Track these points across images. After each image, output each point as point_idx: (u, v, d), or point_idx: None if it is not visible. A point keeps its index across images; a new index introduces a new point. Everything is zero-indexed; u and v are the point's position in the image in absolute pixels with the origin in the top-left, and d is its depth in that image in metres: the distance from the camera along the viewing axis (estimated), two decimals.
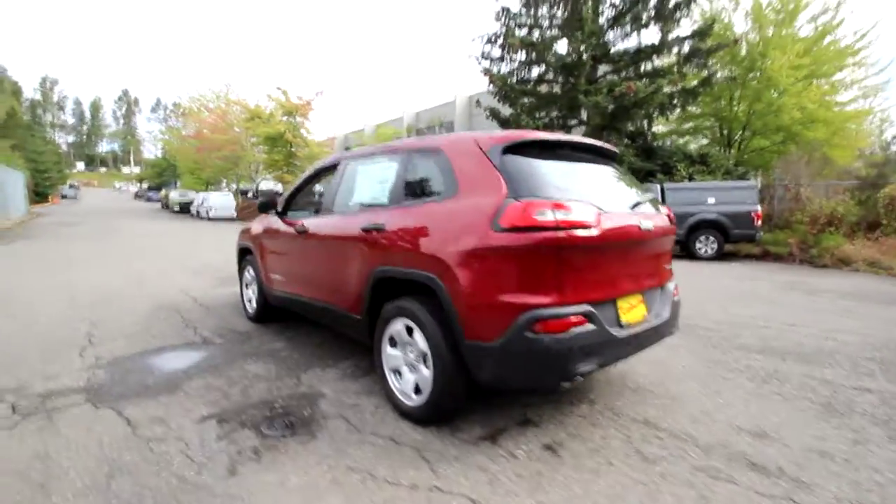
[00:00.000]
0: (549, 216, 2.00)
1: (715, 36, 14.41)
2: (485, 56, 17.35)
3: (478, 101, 16.77)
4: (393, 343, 2.62)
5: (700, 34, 14.16)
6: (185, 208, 30.44)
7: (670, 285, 2.71)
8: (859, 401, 2.81)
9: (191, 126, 32.82)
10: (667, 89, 13.02)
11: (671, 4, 14.05)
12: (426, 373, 2.37)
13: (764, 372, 3.27)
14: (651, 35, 15.42)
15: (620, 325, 2.24)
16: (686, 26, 14.67)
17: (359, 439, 2.32)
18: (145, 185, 60.11)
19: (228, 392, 2.91)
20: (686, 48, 14.39)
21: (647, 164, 14.31)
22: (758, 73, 14.87)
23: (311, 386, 3.01)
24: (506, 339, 2.02)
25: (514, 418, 2.55)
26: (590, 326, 2.07)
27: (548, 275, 2.03)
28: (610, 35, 15.57)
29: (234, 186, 32.17)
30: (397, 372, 2.61)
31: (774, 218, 11.83)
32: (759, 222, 9.87)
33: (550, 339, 1.99)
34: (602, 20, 15.31)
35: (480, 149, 2.31)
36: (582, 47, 14.32)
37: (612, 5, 15.38)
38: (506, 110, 16.65)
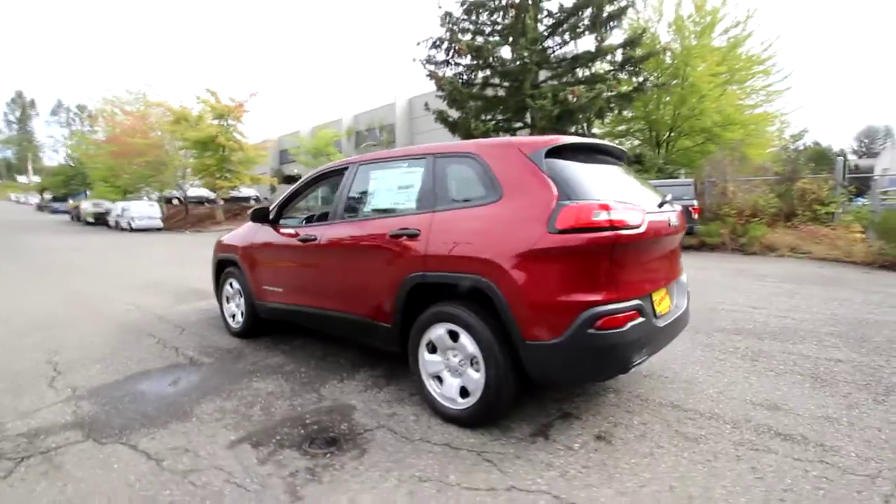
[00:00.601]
0: (603, 216, 2.09)
1: (644, 45, 15.51)
2: (430, 60, 17.46)
3: (426, 104, 16.84)
4: (432, 349, 2.59)
5: (630, 43, 15.16)
6: (100, 219, 27.76)
7: (684, 277, 2.92)
8: (837, 370, 3.19)
9: (104, 130, 29.95)
10: (605, 94, 13.81)
11: (605, 15, 14.93)
12: (476, 375, 2.37)
13: (750, 352, 3.60)
14: (587, 43, 16.23)
15: (656, 317, 2.38)
16: (619, 36, 15.72)
17: (413, 448, 2.28)
18: (48, 196, 53.99)
19: (247, 413, 2.73)
20: (619, 56, 15.37)
21: None
22: (681, 80, 16.24)
23: (335, 399, 2.89)
24: (567, 336, 2.08)
25: (552, 413, 2.62)
26: (640, 319, 2.18)
27: (603, 272, 2.12)
28: (549, 42, 16.28)
29: (156, 195, 29.77)
30: (437, 378, 2.58)
31: (705, 211, 12.97)
32: (697, 216, 10.78)
33: (610, 334, 2.08)
34: (541, 28, 15.96)
35: (523, 153, 2.36)
36: (525, 53, 14.82)
37: (550, 14, 16.07)
38: (454, 113, 16.88)
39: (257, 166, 27.61)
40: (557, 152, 2.36)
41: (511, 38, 15.62)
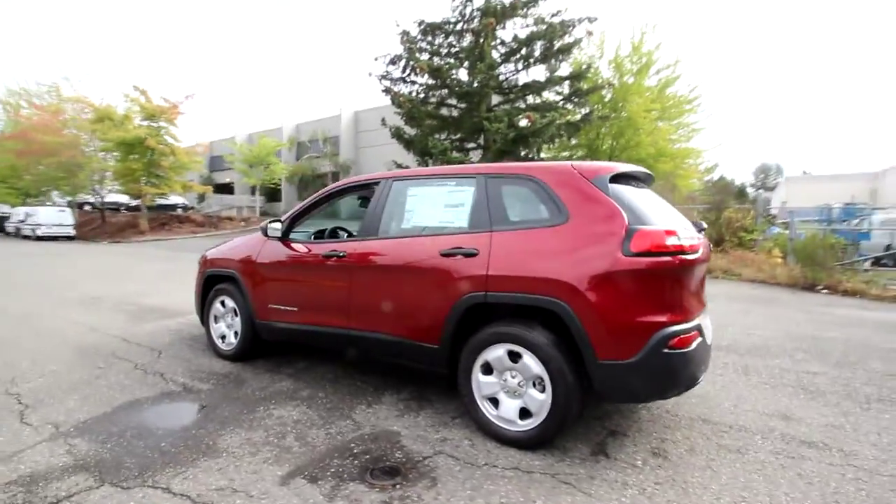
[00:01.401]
0: (672, 241, 2.22)
1: (588, 80, 16.66)
2: (386, 76, 17.51)
3: (383, 120, 16.81)
4: (487, 370, 2.57)
5: (577, 77, 16.24)
6: None
7: (707, 303, 3.15)
8: (818, 382, 3.57)
9: (5, 123, 26.56)
10: (557, 122, 14.61)
11: (555, 49, 15.88)
12: (540, 396, 2.38)
13: (740, 367, 3.93)
14: (538, 73, 17.14)
15: (704, 337, 2.54)
16: (567, 68, 16.78)
17: (483, 474, 2.23)
18: None
19: (283, 444, 2.52)
20: (567, 87, 16.39)
21: None
22: (619, 114, 17.60)
23: (373, 426, 2.75)
24: (643, 355, 2.17)
25: (599, 431, 2.68)
26: (700, 339, 2.33)
27: (671, 294, 2.24)
28: (502, 69, 16.98)
29: (66, 199, 26.71)
30: (491, 400, 2.56)
31: None
32: None
33: (682, 353, 2.20)
34: (495, 55, 16.62)
35: (585, 178, 2.45)
36: (482, 77, 15.33)
37: (503, 43, 16.77)
38: (409, 130, 16.98)
39: (188, 173, 25.79)
40: (615, 178, 2.48)
41: (468, 62, 16.14)
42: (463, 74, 16.87)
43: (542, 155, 18.82)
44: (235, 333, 3.88)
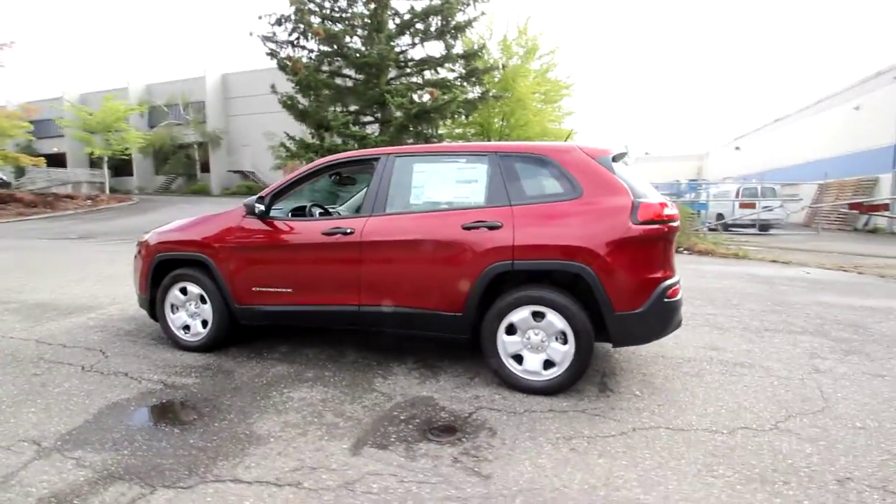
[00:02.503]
0: (666, 211, 2.73)
1: (480, 60, 17.34)
2: (271, 38, 16.13)
3: (272, 87, 15.49)
4: (510, 331, 2.85)
5: (471, 55, 16.79)
6: None
7: None
8: (720, 321, 4.57)
9: None
10: (459, 99, 15.04)
11: (451, 26, 16.15)
12: (563, 348, 2.75)
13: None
14: (434, 48, 17.26)
15: None
16: (462, 47, 17.20)
17: (530, 419, 2.54)
18: None
19: (327, 421, 2.54)
20: (463, 66, 16.85)
21: None
22: (510, 94, 18.74)
23: (403, 394, 2.88)
24: (649, 305, 2.66)
25: (595, 375, 3.14)
26: (680, 290, 2.91)
27: (665, 255, 2.76)
28: (398, 41, 16.77)
29: None
30: (516, 357, 2.87)
31: None
32: None
33: (674, 302, 2.74)
34: (391, 26, 16.33)
35: (592, 158, 2.82)
36: (380, 48, 14.99)
37: (397, 14, 16.53)
38: (303, 100, 15.95)
39: (10, 141, 20.83)
40: (614, 158, 2.91)
41: (366, 32, 15.60)
42: (357, 43, 16.30)
43: (440, 131, 19.32)
44: (204, 322, 3.57)
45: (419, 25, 16.29)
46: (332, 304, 3.19)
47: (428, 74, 17.30)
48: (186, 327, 3.63)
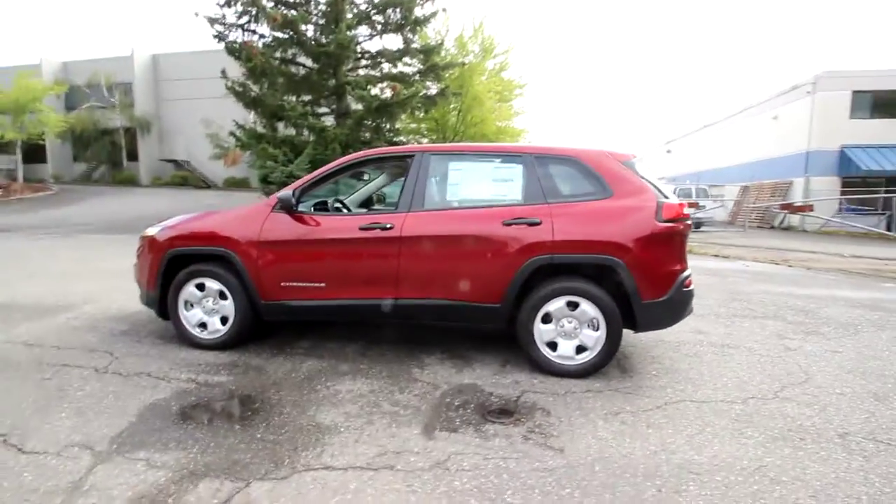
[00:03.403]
0: (684, 210, 3.07)
1: (438, 56, 17.46)
2: (219, 20, 15.31)
3: (223, 71, 14.65)
4: (545, 320, 3.08)
5: (427, 51, 16.86)
6: None
7: None
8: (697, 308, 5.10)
9: None
10: (421, 94, 15.08)
11: (411, 20, 16.12)
12: (594, 334, 3.01)
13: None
14: (392, 42, 17.18)
15: None
16: (419, 42, 17.21)
17: (573, 399, 2.78)
18: None
19: (386, 411, 2.63)
20: (419, 62, 16.87)
21: None
22: (466, 92, 19.03)
23: (448, 383, 3.02)
24: (671, 294, 2.98)
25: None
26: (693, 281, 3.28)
27: (682, 249, 3.10)
28: (357, 31, 16.48)
29: None
30: (550, 344, 3.10)
31: None
32: None
33: (690, 291, 3.10)
34: (349, 15, 16.03)
35: (618, 161, 3.11)
36: (340, 37, 14.67)
37: (354, 3, 16.25)
38: (254, 87, 15.26)
39: None
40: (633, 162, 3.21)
41: (324, 19, 15.17)
42: (313, 32, 15.83)
43: (397, 126, 19.23)
44: (223, 319, 3.48)
45: (377, 17, 16.13)
46: (367, 298, 3.24)
47: (386, 68, 17.18)
48: (202, 325, 3.51)
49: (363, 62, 16.79)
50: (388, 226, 3.16)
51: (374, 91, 15.72)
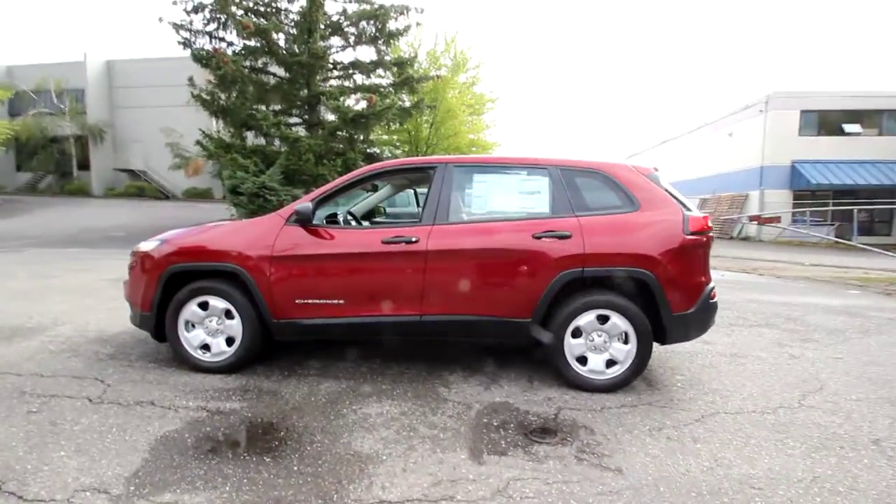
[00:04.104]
0: (707, 223, 3.11)
1: (411, 69, 17.50)
2: (185, 27, 14.83)
3: (190, 79, 14.14)
4: (576, 334, 3.03)
5: (401, 64, 16.87)
6: None
7: None
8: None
9: None
10: (398, 106, 15.02)
11: (386, 32, 16.10)
12: (625, 347, 2.99)
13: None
14: (365, 53, 17.09)
15: None
16: (395, 53, 17.20)
17: (611, 414, 2.72)
18: None
19: (425, 434, 2.49)
20: (393, 74, 16.84)
21: None
22: (439, 104, 19.15)
23: (480, 402, 2.90)
24: (698, 306, 3.00)
25: None
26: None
27: (706, 261, 3.14)
28: (330, 42, 16.32)
29: None
30: (580, 359, 3.04)
31: None
32: None
33: (715, 302, 3.13)
34: (322, 27, 15.84)
35: (643, 174, 3.13)
36: (314, 47, 14.46)
37: (325, 14, 16.08)
38: (222, 96, 14.76)
39: None
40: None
41: (296, 29, 14.91)
42: (284, 41, 15.53)
43: (371, 137, 19.05)
44: (229, 340, 3.24)
45: (351, 29, 16.02)
46: (390, 315, 3.10)
47: (359, 79, 17.04)
48: (205, 346, 3.25)
49: (336, 73, 16.62)
50: (414, 239, 3.04)
51: (349, 102, 15.54)
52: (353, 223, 3.87)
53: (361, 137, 16.52)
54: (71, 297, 5.57)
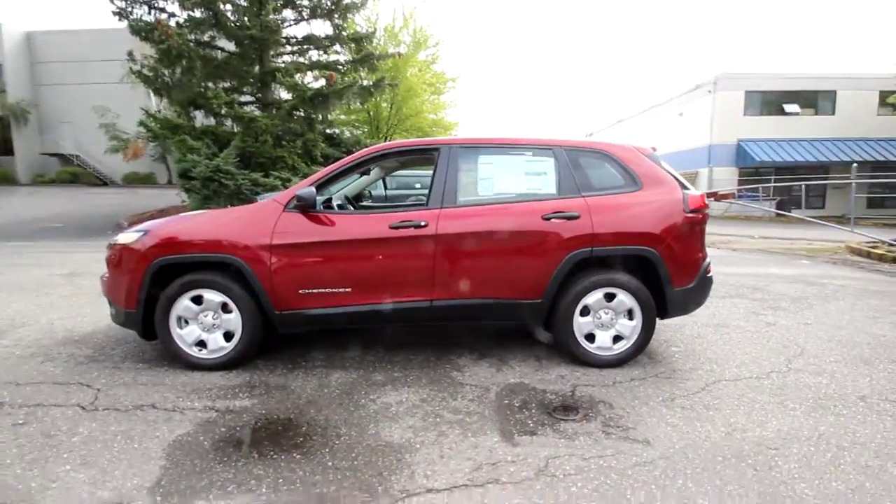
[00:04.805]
0: (704, 200, 3.23)
1: (372, 46, 16.92)
2: None
3: (130, 54, 13.03)
4: (584, 312, 3.09)
5: (359, 39, 16.27)
6: None
7: None
8: None
9: None
10: (359, 84, 14.51)
11: (342, 5, 15.39)
12: (630, 323, 3.09)
13: None
14: (319, 28, 16.28)
15: None
16: (352, 29, 16.52)
17: (625, 388, 2.82)
18: None
19: (452, 420, 2.48)
20: (351, 51, 16.21)
21: (335, 152, 15.55)
22: (401, 83, 18.68)
23: (497, 384, 2.92)
24: (697, 281, 3.14)
25: None
26: None
27: (703, 237, 3.27)
28: (282, 14, 15.44)
29: None
30: (587, 336, 3.12)
31: None
32: None
33: (711, 276, 3.28)
34: None
35: (643, 154, 3.19)
36: (268, 20, 13.64)
37: None
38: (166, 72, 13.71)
39: None
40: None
41: (248, 0, 13.95)
42: (233, 13, 14.55)
43: (329, 117, 18.36)
44: (227, 335, 3.08)
45: (304, 2, 15.21)
46: (399, 302, 3.03)
47: (315, 56, 16.30)
48: (200, 343, 3.07)
49: (290, 48, 15.79)
50: (423, 223, 2.97)
51: (306, 80, 14.88)
52: (350, 208, 3.74)
53: (321, 117, 15.93)
54: (24, 296, 5.09)
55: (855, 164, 11.72)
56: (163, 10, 14.32)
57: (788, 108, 20.91)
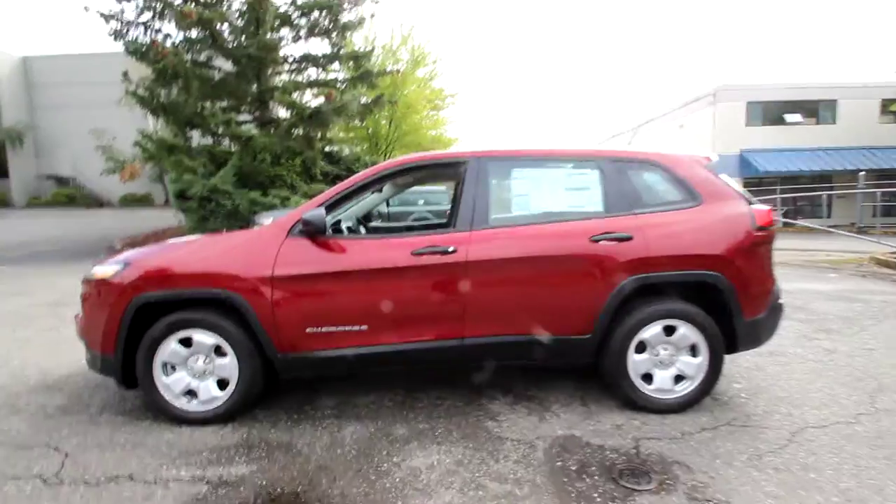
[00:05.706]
0: (772, 217, 2.82)
1: (368, 62, 16.74)
2: (115, 16, 13.40)
3: (125, 74, 12.71)
4: (640, 349, 2.65)
5: (358, 57, 16.08)
6: None
7: None
8: None
9: None
10: (361, 101, 14.27)
11: (340, 24, 15.24)
12: (695, 361, 2.64)
13: None
14: (317, 47, 16.11)
15: None
16: (351, 47, 16.36)
17: (696, 442, 2.37)
18: None
19: (498, 492, 2.02)
20: (350, 68, 16.01)
21: (335, 169, 15.25)
22: (398, 100, 18.46)
23: (543, 438, 2.46)
24: (768, 311, 2.71)
25: None
26: None
27: (771, 260, 2.84)
28: (280, 34, 15.28)
29: None
30: (645, 377, 2.67)
31: None
32: None
33: (782, 303, 2.85)
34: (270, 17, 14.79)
35: (702, 165, 2.78)
36: (266, 40, 13.43)
37: (273, 5, 15.05)
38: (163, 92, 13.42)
39: None
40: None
41: (244, 19, 13.76)
42: (229, 32, 14.36)
43: (328, 135, 18.10)
44: (221, 382, 2.62)
45: (302, 21, 15.04)
46: (426, 340, 2.59)
47: (313, 74, 16.09)
48: (190, 392, 2.61)
49: (288, 67, 15.57)
50: (451, 249, 2.54)
51: (305, 98, 14.63)
52: (362, 230, 3.32)
53: (319, 135, 15.64)
54: (0, 330, 4.62)
55: (862, 173, 11.40)
56: (159, 30, 14.11)
57: (790, 117, 20.75)
